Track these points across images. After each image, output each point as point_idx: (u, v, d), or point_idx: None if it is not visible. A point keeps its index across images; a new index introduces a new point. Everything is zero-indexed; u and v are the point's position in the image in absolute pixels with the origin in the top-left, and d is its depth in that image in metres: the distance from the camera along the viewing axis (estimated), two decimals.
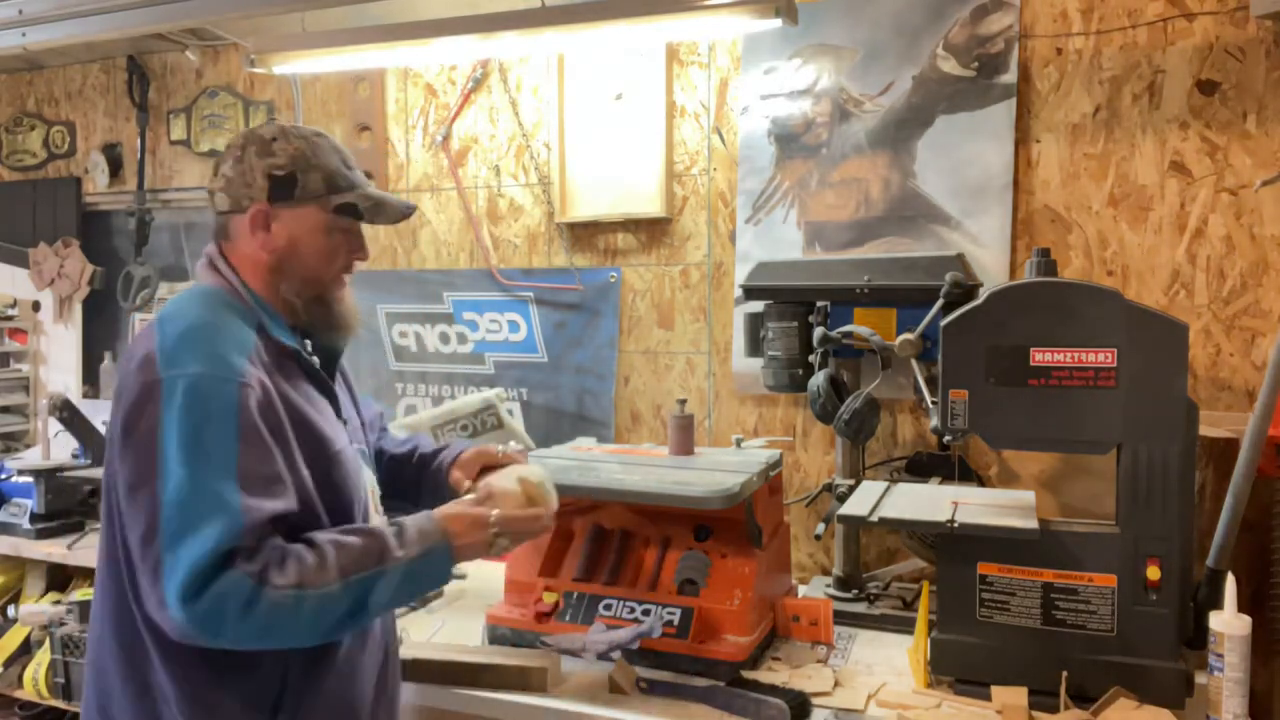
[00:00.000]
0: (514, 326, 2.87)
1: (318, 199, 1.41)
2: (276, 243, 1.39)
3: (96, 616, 1.35)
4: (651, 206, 2.65)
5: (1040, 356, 1.59)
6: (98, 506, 2.85)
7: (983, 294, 1.67)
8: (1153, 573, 1.55)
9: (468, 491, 1.50)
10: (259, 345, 1.32)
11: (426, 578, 1.33)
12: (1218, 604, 1.54)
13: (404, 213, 1.49)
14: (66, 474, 2.81)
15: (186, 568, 1.12)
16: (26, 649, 2.93)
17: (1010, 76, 2.24)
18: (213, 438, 1.18)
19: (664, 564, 1.88)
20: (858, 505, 1.74)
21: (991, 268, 2.26)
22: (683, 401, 2.18)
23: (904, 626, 1.96)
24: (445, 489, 1.61)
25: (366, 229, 1.50)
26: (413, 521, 1.32)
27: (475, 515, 1.38)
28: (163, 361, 1.21)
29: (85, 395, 3.53)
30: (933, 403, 1.87)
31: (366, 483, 1.47)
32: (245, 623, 1.14)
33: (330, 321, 1.46)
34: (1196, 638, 1.59)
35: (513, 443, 1.79)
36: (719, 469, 1.91)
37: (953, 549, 1.66)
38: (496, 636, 1.89)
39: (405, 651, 1.77)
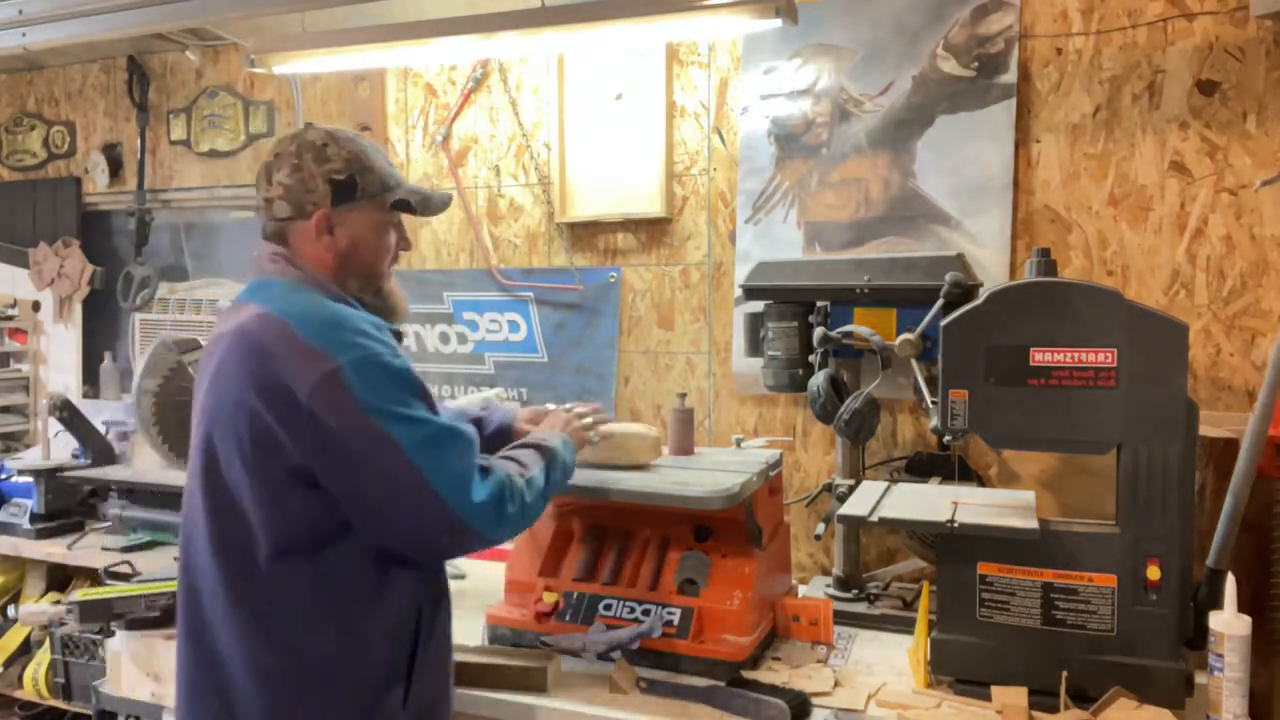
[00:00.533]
0: (514, 326, 2.87)
1: (374, 198, 1.51)
2: (339, 244, 1.50)
3: (204, 590, 1.41)
4: (651, 206, 2.65)
5: (1040, 356, 1.59)
6: (98, 507, 2.87)
7: (983, 294, 1.67)
8: (1153, 573, 1.55)
9: None
10: None
11: (569, 461, 1.64)
12: (1218, 604, 1.54)
13: (445, 203, 1.64)
14: (66, 474, 2.81)
15: (466, 486, 1.36)
16: (26, 649, 2.93)
17: (1010, 76, 2.24)
18: (403, 398, 1.37)
19: (664, 564, 1.87)
20: (858, 505, 1.73)
21: (991, 268, 2.26)
22: (683, 395, 2.18)
23: (904, 626, 1.96)
24: (504, 445, 1.79)
25: None
26: (533, 434, 1.66)
27: (566, 416, 1.78)
28: (330, 350, 1.33)
29: (85, 395, 3.53)
30: (933, 403, 1.87)
31: None
32: (515, 508, 1.42)
33: (388, 310, 1.57)
34: (1196, 638, 1.59)
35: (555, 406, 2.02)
36: (719, 469, 1.91)
37: (953, 549, 1.66)
38: (496, 636, 1.89)
39: None
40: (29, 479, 2.86)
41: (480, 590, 2.20)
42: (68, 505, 2.89)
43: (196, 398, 1.49)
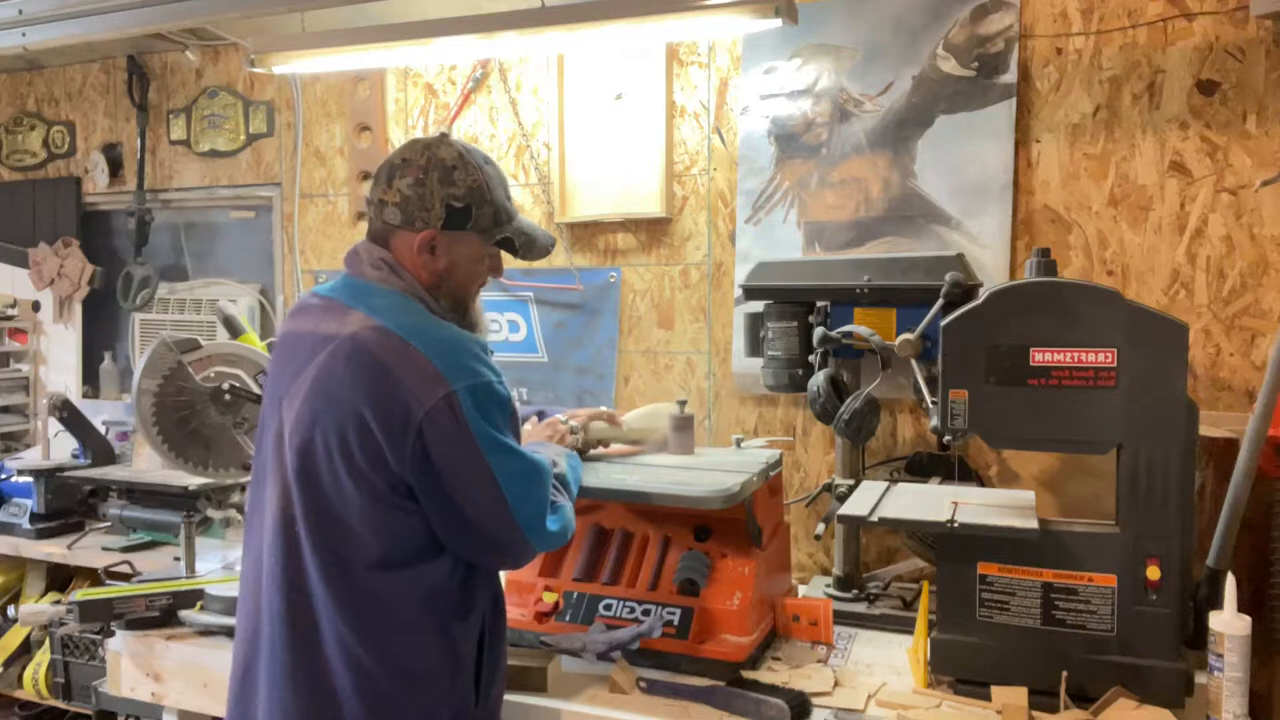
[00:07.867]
0: (514, 326, 2.87)
1: (483, 232, 1.54)
2: (438, 265, 1.52)
3: (310, 594, 1.43)
4: (651, 206, 2.65)
5: (1040, 356, 1.59)
6: (98, 507, 2.87)
7: (983, 294, 1.67)
8: (1153, 573, 1.55)
9: None
10: None
11: (576, 468, 1.75)
12: (1218, 604, 1.54)
13: (548, 249, 1.67)
14: (66, 474, 2.81)
15: (541, 519, 1.48)
16: (26, 649, 2.93)
17: (1010, 76, 2.24)
18: (505, 427, 1.46)
19: (664, 564, 1.87)
20: (858, 505, 1.73)
21: (991, 268, 2.26)
22: (683, 402, 2.18)
23: (904, 626, 1.96)
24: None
25: None
26: (531, 446, 1.71)
27: (552, 422, 1.91)
28: (449, 375, 1.39)
29: (85, 395, 3.53)
30: (933, 403, 1.87)
31: None
32: (569, 530, 1.57)
33: (470, 326, 1.59)
34: (1196, 638, 1.59)
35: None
36: (719, 469, 1.90)
37: (953, 549, 1.66)
38: None
39: None
40: (29, 479, 2.86)
41: None
42: (68, 505, 2.89)
43: (280, 395, 1.48)
